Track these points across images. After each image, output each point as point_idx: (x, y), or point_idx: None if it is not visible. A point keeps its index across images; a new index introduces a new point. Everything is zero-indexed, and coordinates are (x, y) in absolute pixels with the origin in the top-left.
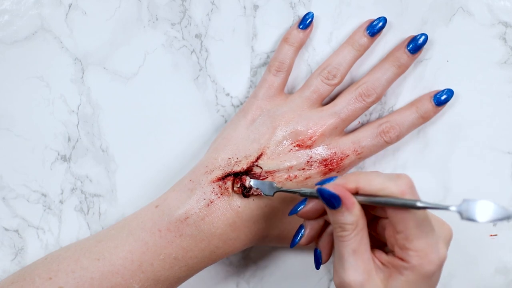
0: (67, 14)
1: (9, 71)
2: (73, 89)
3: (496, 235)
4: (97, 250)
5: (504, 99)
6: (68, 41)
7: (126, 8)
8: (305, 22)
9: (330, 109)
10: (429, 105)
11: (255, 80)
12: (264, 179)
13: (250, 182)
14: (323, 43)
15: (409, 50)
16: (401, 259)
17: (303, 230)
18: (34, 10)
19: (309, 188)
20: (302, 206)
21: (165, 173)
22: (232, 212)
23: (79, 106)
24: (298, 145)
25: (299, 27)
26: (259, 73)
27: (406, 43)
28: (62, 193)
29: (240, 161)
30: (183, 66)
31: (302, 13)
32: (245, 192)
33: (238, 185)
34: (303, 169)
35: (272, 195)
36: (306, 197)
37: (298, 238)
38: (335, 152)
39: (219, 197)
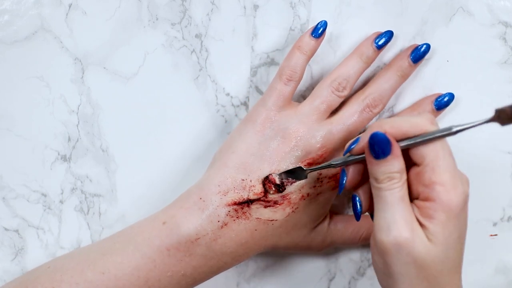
0: (67, 14)
1: (9, 71)
2: (73, 89)
3: (496, 235)
4: (102, 263)
5: (504, 99)
6: (68, 41)
7: (126, 8)
8: (318, 31)
9: (339, 122)
10: (430, 109)
11: (255, 80)
12: (280, 204)
13: (277, 177)
14: (323, 43)
15: (412, 59)
16: (429, 199)
17: (345, 175)
18: (34, 10)
19: (339, 158)
20: (345, 178)
21: (165, 173)
22: (247, 234)
23: (79, 106)
24: (308, 163)
25: (311, 35)
26: (259, 73)
27: (409, 52)
28: (62, 193)
29: (254, 186)
30: (183, 66)
31: (302, 13)
32: (281, 189)
33: (273, 189)
34: (314, 186)
35: (307, 177)
36: (340, 166)
37: (344, 181)
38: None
39: (234, 220)
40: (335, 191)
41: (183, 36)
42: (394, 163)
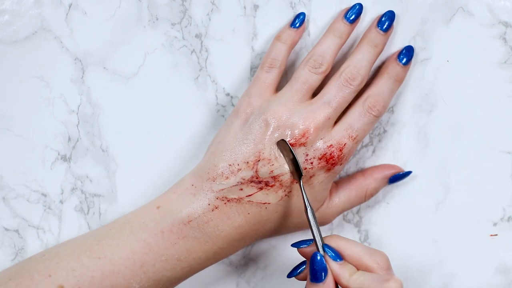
0: (67, 14)
1: (9, 71)
2: (73, 89)
3: (496, 235)
4: (98, 248)
5: (504, 99)
6: (68, 41)
7: (126, 8)
8: (296, 22)
9: (320, 100)
10: (397, 67)
11: None
12: (272, 185)
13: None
14: None
15: (379, 28)
16: None
17: (302, 268)
18: (34, 10)
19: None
20: (302, 269)
21: (165, 173)
22: (240, 217)
23: (79, 106)
24: (292, 144)
25: (291, 26)
26: None
27: (375, 22)
28: (62, 193)
29: (241, 169)
30: (183, 66)
31: None
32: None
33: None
34: (305, 168)
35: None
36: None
37: (297, 272)
38: (332, 145)
39: (225, 203)
40: (330, 173)
41: (183, 36)
42: None
